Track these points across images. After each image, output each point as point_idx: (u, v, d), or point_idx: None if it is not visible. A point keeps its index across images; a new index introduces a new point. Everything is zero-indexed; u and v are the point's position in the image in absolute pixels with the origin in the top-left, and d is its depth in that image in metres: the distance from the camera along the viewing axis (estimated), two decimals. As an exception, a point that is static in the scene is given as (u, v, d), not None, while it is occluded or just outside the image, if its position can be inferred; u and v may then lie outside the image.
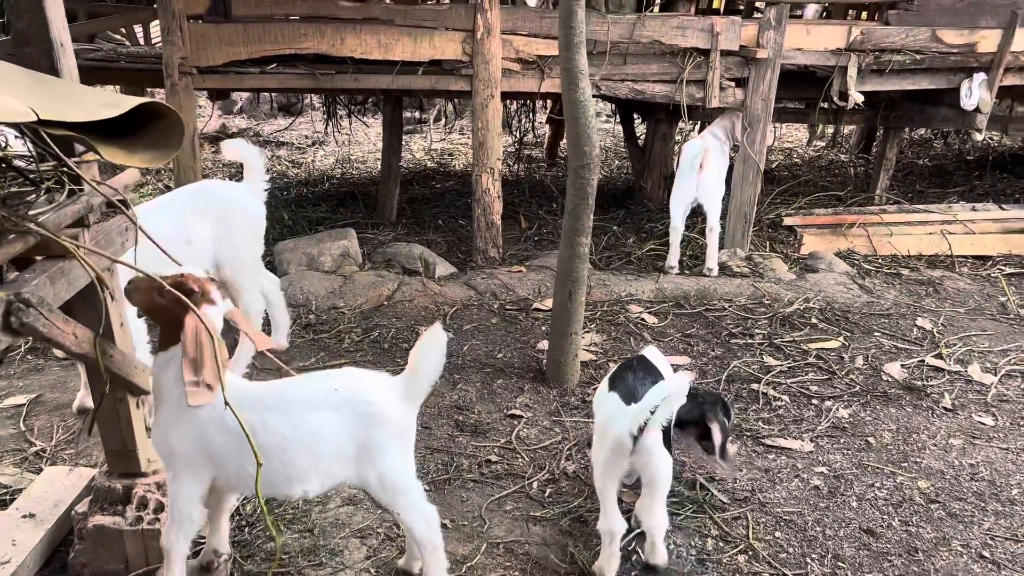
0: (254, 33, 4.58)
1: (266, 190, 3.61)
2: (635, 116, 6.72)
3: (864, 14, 6.81)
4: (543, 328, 4.15)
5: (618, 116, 7.50)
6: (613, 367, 3.81)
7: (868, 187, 6.39)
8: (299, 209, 6.12)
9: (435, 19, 4.74)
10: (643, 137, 6.52)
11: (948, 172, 7.49)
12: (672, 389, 2.37)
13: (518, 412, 3.38)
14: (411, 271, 4.80)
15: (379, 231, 5.66)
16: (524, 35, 4.79)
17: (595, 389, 3.59)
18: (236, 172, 6.86)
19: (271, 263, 4.71)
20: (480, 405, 3.44)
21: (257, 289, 3.64)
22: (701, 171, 4.79)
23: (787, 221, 5.59)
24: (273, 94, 9.78)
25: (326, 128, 7.53)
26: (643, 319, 4.35)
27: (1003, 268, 5.19)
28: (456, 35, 4.72)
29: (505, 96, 5.20)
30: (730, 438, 2.77)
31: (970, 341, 4.15)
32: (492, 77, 4.74)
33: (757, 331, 4.23)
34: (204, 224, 3.41)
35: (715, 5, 7.46)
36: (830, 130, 8.53)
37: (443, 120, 10.11)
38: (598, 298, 4.55)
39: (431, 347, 2.24)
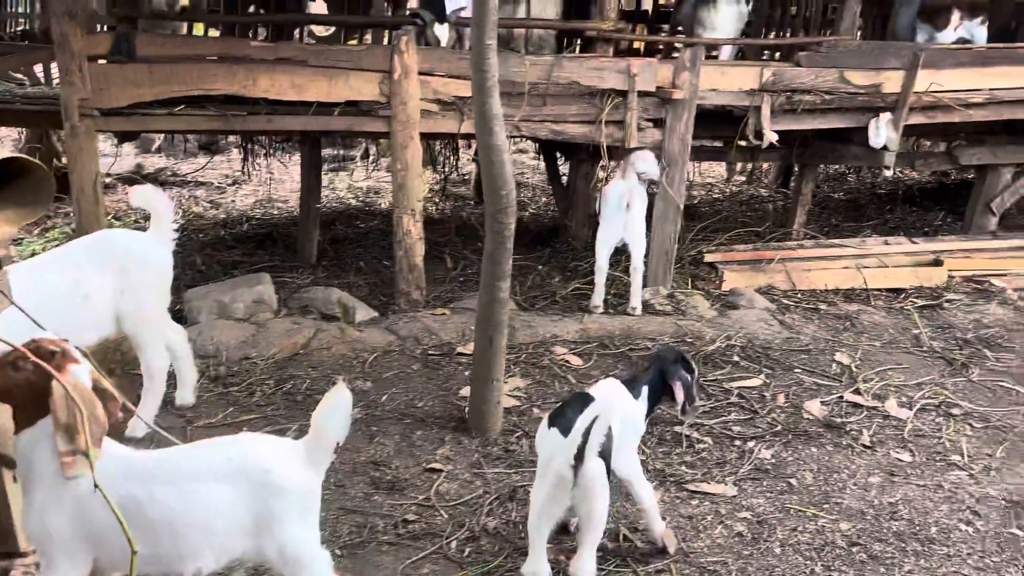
0: (161, 74, 4.42)
1: (175, 239, 3.45)
2: (558, 155, 6.74)
3: (777, 54, 7.03)
4: (467, 373, 4.04)
5: (542, 155, 7.52)
6: (539, 411, 3.76)
7: (786, 222, 6.53)
8: (214, 253, 5.90)
9: (351, 60, 4.66)
10: (567, 176, 6.54)
11: (862, 206, 7.73)
12: (601, 407, 2.32)
13: (438, 465, 3.26)
14: (329, 317, 4.65)
15: (298, 275, 5.49)
16: (442, 76, 4.75)
17: (518, 437, 3.52)
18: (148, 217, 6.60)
19: (180, 312, 4.50)
20: (398, 459, 3.31)
21: (161, 344, 3.46)
22: (628, 211, 4.81)
23: (708, 258, 5.64)
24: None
25: (243, 168, 7.35)
26: (567, 361, 4.29)
27: (915, 300, 5.32)
28: (373, 76, 4.65)
29: (425, 137, 5.14)
30: (694, 391, 2.78)
31: (886, 375, 4.22)
32: (410, 118, 4.67)
33: (681, 371, 4.21)
34: (104, 277, 3.23)
35: (636, 45, 7.60)
36: (750, 166, 8.73)
37: (369, 157, 9.99)
38: (523, 340, 4.48)
39: (334, 408, 2.12)
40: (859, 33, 6.68)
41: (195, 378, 3.69)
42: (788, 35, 6.51)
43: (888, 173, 5.64)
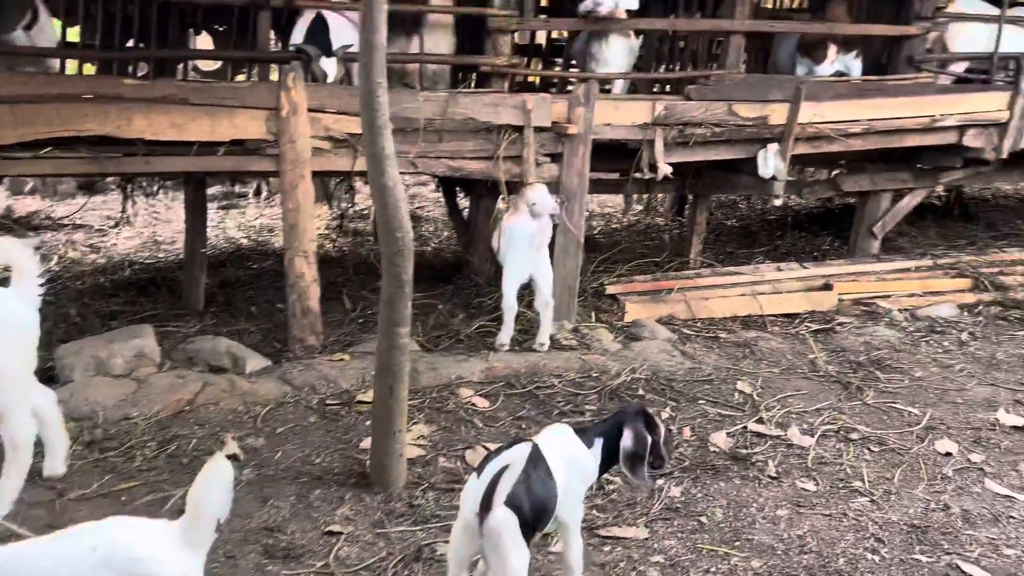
0: (24, 114, 4.09)
1: (41, 294, 3.15)
2: (457, 190, 6.65)
3: (668, 87, 7.19)
4: (368, 423, 3.85)
5: (441, 190, 7.42)
6: (445, 461, 3.62)
7: (683, 251, 6.63)
8: (92, 302, 5.50)
9: (235, 97, 4.45)
10: (468, 211, 6.46)
11: (753, 232, 7.97)
12: (516, 455, 2.21)
13: (338, 527, 3.06)
14: (218, 368, 4.37)
15: (183, 323, 5.16)
16: (333, 112, 4.59)
17: (423, 490, 3.36)
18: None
19: (51, 370, 4.13)
20: (294, 523, 3.09)
21: (27, 411, 3.14)
22: (538, 248, 4.76)
23: (610, 290, 5.65)
24: (67, 172, 8.95)
25: (123, 209, 6.94)
26: (474, 403, 4.17)
27: (809, 325, 5.47)
28: (259, 113, 4.45)
29: (317, 175, 4.95)
30: (662, 451, 2.56)
31: (787, 402, 4.29)
32: (300, 157, 4.49)
33: (588, 407, 4.16)
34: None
35: (531, 79, 7.64)
36: (647, 196, 8.88)
37: (262, 193, 9.65)
38: (427, 383, 4.32)
39: (212, 483, 1.93)
40: (743, 67, 6.92)
41: (66, 445, 3.36)
42: (677, 69, 6.67)
43: (778, 202, 5.81)
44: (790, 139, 5.47)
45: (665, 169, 5.27)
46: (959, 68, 6.81)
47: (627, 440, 2.53)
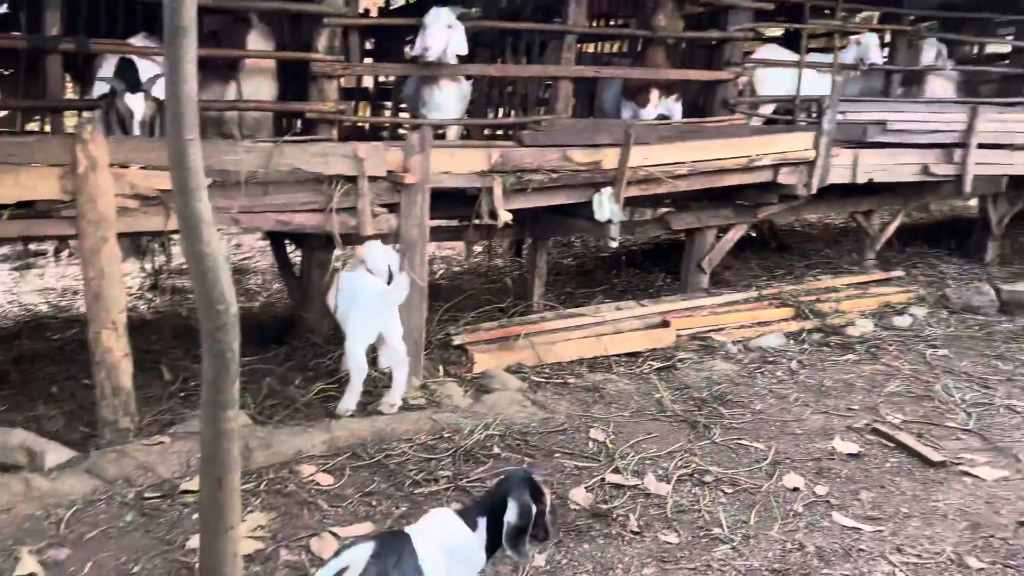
0: None
1: None
2: (287, 242, 6.25)
3: (502, 131, 7.20)
4: (195, 516, 3.41)
5: (269, 241, 6.96)
6: (288, 553, 3.25)
7: (526, 294, 6.59)
8: None
9: (21, 153, 3.90)
10: (300, 264, 6.07)
11: (590, 271, 8.11)
12: (351, 559, 2.07)
13: (161, 654, 2.63)
14: (9, 466, 3.75)
15: (-35, 413, 4.44)
16: (141, 167, 4.13)
17: (263, 593, 2.98)
18: None
19: None
20: (108, 655, 2.63)
21: None
22: (391, 305, 4.51)
23: (456, 341, 5.47)
24: None
25: None
26: (316, 482, 3.81)
27: (652, 363, 5.54)
28: (52, 171, 3.93)
29: (124, 236, 4.44)
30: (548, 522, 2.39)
31: (640, 447, 4.26)
32: (103, 217, 3.98)
33: (442, 473, 3.93)
34: None
35: (362, 124, 7.40)
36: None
37: (64, 252, 8.71)
38: (261, 463, 3.92)
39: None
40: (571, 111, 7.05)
41: None
42: (510, 114, 6.69)
43: (614, 244, 5.89)
44: (623, 183, 5.56)
45: (505, 216, 5.19)
46: (767, 110, 7.30)
47: (511, 514, 2.34)
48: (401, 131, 6.91)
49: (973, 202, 9.29)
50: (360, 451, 4.10)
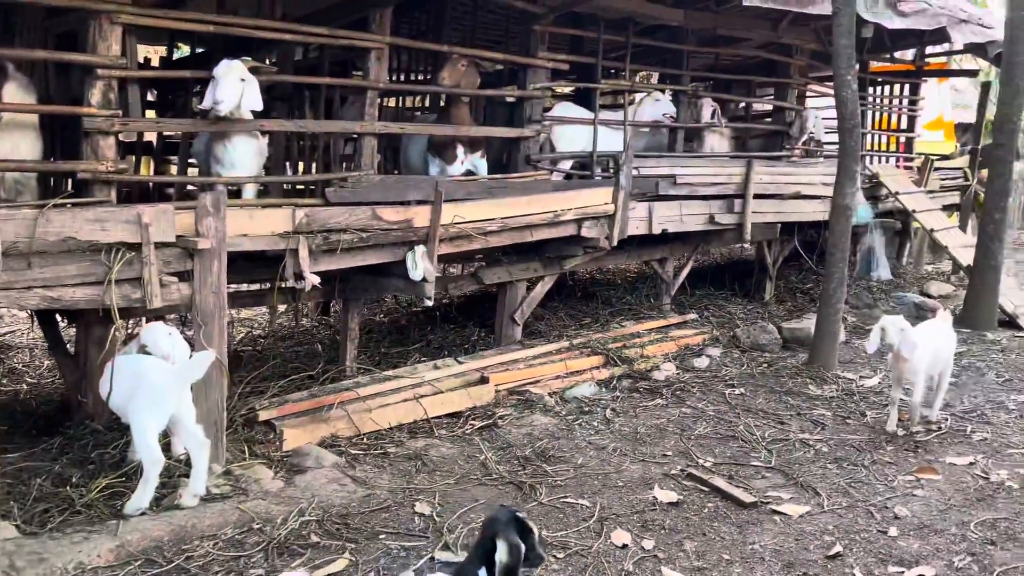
0: None
1: None
2: (59, 318, 5.52)
3: (306, 188, 6.88)
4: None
5: (35, 317, 6.12)
6: None
7: (338, 358, 6.26)
8: None
9: None
10: (75, 342, 5.37)
11: (404, 327, 7.91)
12: None
13: None
14: None
15: None
16: None
17: None
18: None
19: None
20: None
21: None
22: (184, 386, 4.06)
23: (263, 416, 5.04)
24: None
25: None
26: (102, 601, 3.29)
27: (474, 423, 5.42)
28: None
29: None
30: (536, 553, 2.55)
31: (468, 517, 4.09)
32: None
33: (253, 572, 3.53)
34: None
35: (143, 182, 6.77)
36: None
37: None
38: (31, 586, 3.32)
39: None
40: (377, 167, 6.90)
41: None
42: (314, 170, 6.41)
43: (429, 303, 5.75)
44: (435, 240, 5.46)
45: (313, 280, 4.90)
46: (567, 165, 7.56)
47: (502, 553, 2.47)
48: (191, 190, 6.42)
49: (750, 244, 10.16)
50: (156, 556, 3.60)
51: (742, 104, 10.67)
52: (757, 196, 8.15)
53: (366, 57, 5.92)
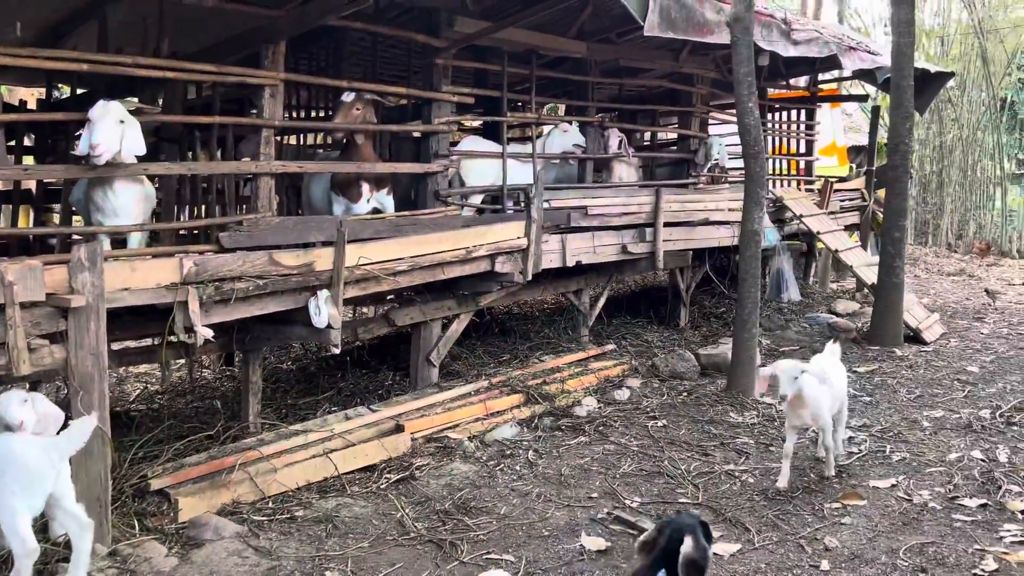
0: None
1: None
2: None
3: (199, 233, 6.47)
4: None
5: None
6: None
7: (240, 413, 5.84)
8: None
9: None
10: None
11: (313, 374, 7.51)
12: None
13: None
14: None
15: None
16: None
17: None
18: None
19: None
20: None
21: None
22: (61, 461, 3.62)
23: (155, 484, 4.60)
24: None
25: None
26: None
27: (389, 476, 5.11)
28: None
29: None
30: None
31: (384, 584, 3.79)
32: None
33: (140, 670, 3.13)
34: None
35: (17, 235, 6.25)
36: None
37: None
38: None
39: None
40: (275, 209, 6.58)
41: None
42: (202, 215, 6.03)
43: (336, 350, 5.43)
44: (340, 284, 5.16)
45: (205, 333, 4.53)
46: (477, 200, 7.39)
47: (688, 547, 2.50)
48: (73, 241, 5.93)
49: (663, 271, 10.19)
50: (23, 663, 3.16)
51: (647, 133, 10.79)
52: (668, 224, 8.16)
53: (260, 94, 5.63)
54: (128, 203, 4.97)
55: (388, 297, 6.75)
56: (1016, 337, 8.94)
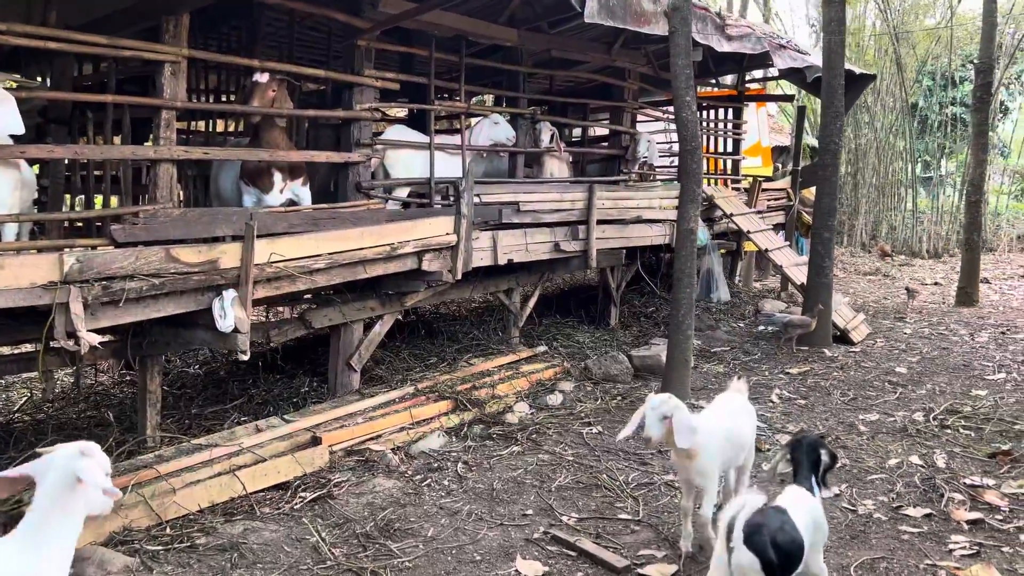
0: None
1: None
2: None
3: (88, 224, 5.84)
4: None
5: None
6: None
7: (137, 426, 5.27)
8: None
9: None
10: None
11: (222, 380, 6.95)
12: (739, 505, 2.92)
13: None
14: None
15: None
16: None
17: None
18: None
19: None
20: None
21: None
22: None
23: (31, 512, 4.02)
24: None
25: None
26: None
27: (304, 495, 4.64)
28: None
29: None
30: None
31: (296, 625, 3.35)
32: None
33: None
34: None
35: None
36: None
37: None
38: None
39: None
40: (180, 200, 6.02)
41: None
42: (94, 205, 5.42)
43: (245, 357, 4.91)
44: (248, 283, 4.67)
45: (90, 339, 3.98)
46: (403, 193, 6.94)
47: (827, 457, 3.29)
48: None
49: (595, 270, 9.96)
50: None
51: (578, 129, 10.52)
52: (601, 222, 7.90)
53: (160, 72, 5.06)
54: (0, 190, 4.35)
55: (305, 296, 6.25)
56: (938, 337, 9.05)
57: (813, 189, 13.58)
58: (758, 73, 15.83)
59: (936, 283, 14.32)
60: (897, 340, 8.85)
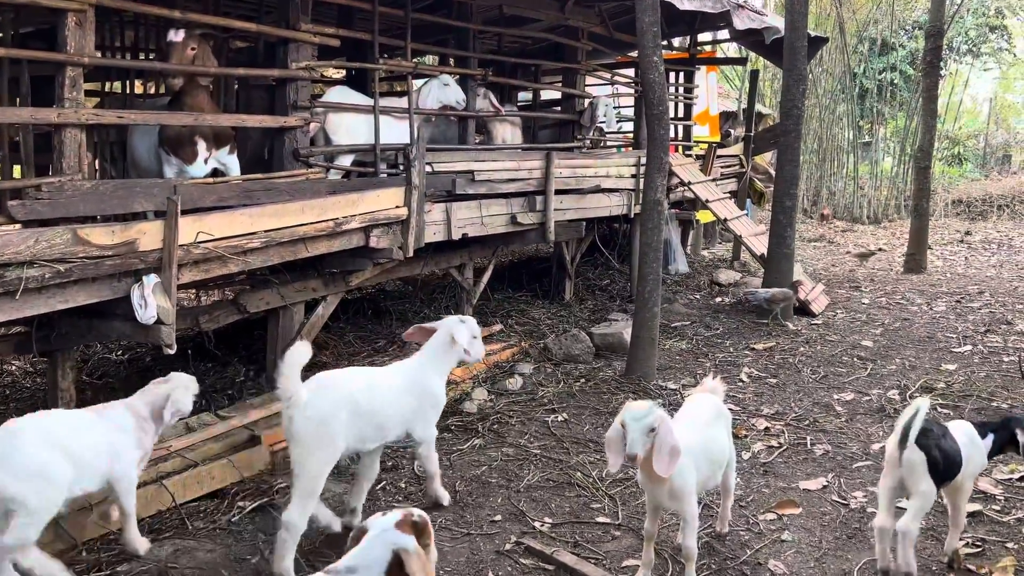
0: None
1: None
2: None
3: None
4: None
5: None
6: None
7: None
8: None
9: None
10: None
11: (149, 368, 6.31)
12: (915, 407, 3.28)
13: None
14: None
15: None
16: None
17: None
18: None
19: None
20: None
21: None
22: None
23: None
24: None
25: None
26: None
27: (243, 504, 4.13)
28: None
29: None
30: None
31: (238, 673, 2.86)
32: None
33: None
34: None
35: None
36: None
37: None
38: None
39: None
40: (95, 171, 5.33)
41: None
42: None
43: (171, 351, 4.32)
44: (172, 267, 4.06)
45: (-20, 339, 3.36)
46: (346, 161, 6.34)
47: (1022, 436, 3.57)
48: None
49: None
50: None
51: (530, 92, 9.99)
52: (559, 191, 7.44)
53: (63, 23, 4.35)
54: None
55: (239, 277, 5.64)
56: (896, 307, 8.93)
57: (766, 156, 13.47)
58: (706, 36, 15.47)
59: (880, 249, 14.35)
60: (856, 311, 8.68)
